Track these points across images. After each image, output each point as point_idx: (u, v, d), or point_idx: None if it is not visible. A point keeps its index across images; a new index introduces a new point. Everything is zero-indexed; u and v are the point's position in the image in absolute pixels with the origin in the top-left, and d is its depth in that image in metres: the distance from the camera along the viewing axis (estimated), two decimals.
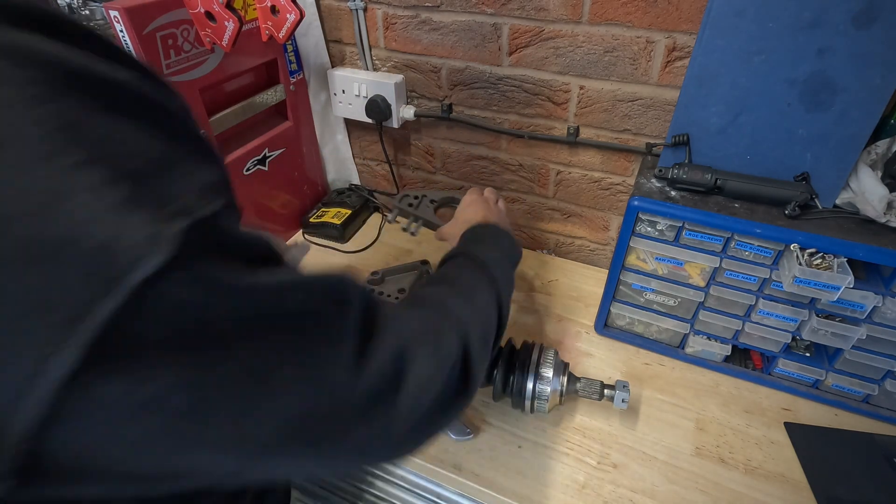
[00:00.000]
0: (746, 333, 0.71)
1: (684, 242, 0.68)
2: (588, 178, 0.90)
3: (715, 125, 0.65)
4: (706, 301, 0.72)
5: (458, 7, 0.82)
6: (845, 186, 0.63)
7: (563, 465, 0.64)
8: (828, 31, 0.55)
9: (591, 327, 0.84)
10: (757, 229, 0.61)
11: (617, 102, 0.80)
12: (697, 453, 0.66)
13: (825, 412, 0.71)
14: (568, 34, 0.77)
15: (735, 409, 0.71)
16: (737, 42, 0.59)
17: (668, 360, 0.79)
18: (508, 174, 0.97)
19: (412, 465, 0.67)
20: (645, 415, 0.70)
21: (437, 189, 0.97)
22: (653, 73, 0.75)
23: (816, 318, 0.65)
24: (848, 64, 0.56)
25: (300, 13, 0.73)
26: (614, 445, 0.67)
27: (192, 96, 0.76)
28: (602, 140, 0.84)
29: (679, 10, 0.69)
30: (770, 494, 0.61)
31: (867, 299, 0.61)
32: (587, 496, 0.61)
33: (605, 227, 0.95)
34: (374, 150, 1.09)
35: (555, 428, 0.69)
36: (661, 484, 0.62)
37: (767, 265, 0.64)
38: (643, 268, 0.73)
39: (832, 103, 0.59)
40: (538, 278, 0.93)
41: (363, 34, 0.92)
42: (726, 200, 0.66)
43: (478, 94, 0.90)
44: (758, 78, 0.60)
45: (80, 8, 0.79)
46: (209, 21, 0.69)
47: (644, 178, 0.71)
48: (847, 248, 0.58)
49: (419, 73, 0.92)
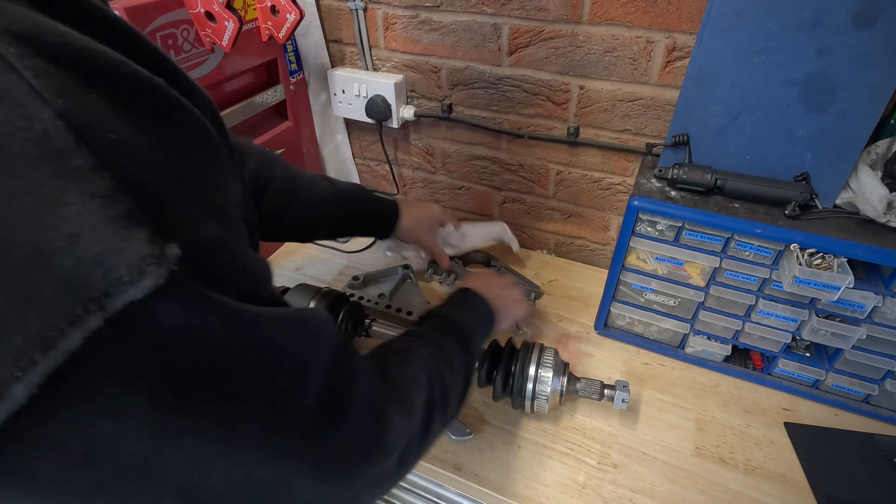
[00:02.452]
0: (746, 333, 0.71)
1: (684, 242, 0.68)
2: (588, 178, 0.90)
3: (715, 125, 0.65)
4: (706, 301, 0.72)
5: (458, 7, 0.82)
6: (845, 186, 0.63)
7: (563, 465, 0.64)
8: (828, 31, 0.55)
9: (591, 327, 0.84)
10: (757, 229, 0.61)
11: (617, 102, 0.80)
12: (697, 453, 0.66)
13: (825, 412, 0.71)
14: (568, 34, 0.77)
15: (735, 409, 0.71)
16: (737, 42, 0.59)
17: (668, 360, 0.79)
18: (508, 174, 0.97)
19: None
20: (645, 415, 0.70)
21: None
22: (653, 73, 0.75)
23: (816, 318, 0.65)
24: (848, 64, 0.56)
25: (300, 13, 0.73)
26: (614, 445, 0.67)
27: None
28: (602, 140, 0.84)
29: (679, 10, 0.69)
30: (770, 494, 0.61)
31: (867, 299, 0.61)
32: (587, 496, 0.61)
33: (605, 227, 0.95)
34: (374, 150, 1.09)
35: (555, 428, 0.69)
36: (661, 484, 0.62)
37: (767, 265, 0.64)
38: (643, 268, 0.73)
39: (832, 103, 0.59)
40: (538, 278, 0.93)
41: (363, 34, 0.92)
42: (726, 200, 0.66)
43: (478, 94, 0.90)
44: (758, 78, 0.60)
45: None
46: (209, 21, 0.69)
47: (644, 178, 0.71)
48: (847, 248, 0.58)
49: (419, 73, 0.92)
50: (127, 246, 0.18)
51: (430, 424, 0.41)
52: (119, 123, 0.20)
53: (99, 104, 0.20)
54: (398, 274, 0.93)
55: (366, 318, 0.76)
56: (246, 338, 0.24)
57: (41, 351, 0.17)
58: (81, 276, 0.18)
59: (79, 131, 0.18)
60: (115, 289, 0.18)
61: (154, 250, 0.19)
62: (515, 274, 0.93)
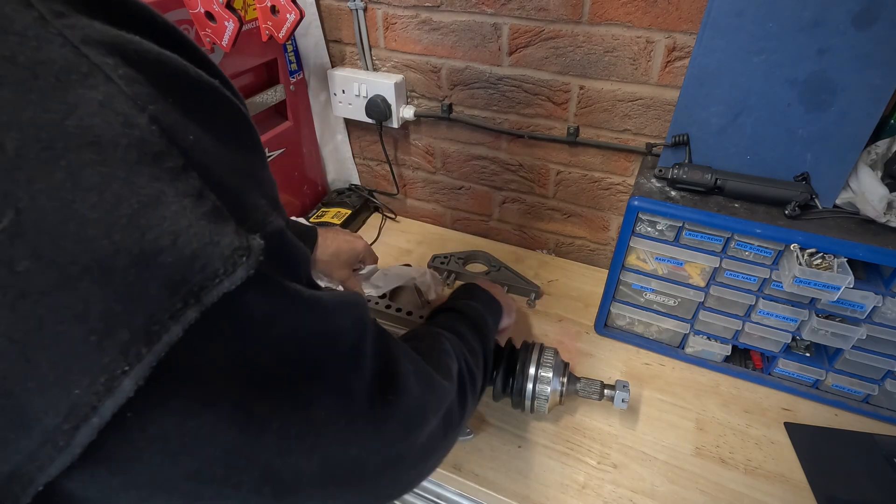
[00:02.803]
0: (746, 333, 0.71)
1: (684, 242, 0.68)
2: (588, 178, 0.90)
3: (715, 125, 0.65)
4: (706, 301, 0.72)
5: (458, 7, 0.82)
6: (845, 186, 0.63)
7: (563, 465, 0.64)
8: (828, 31, 0.55)
9: (591, 327, 0.84)
10: (757, 229, 0.61)
11: (617, 102, 0.80)
12: (697, 453, 0.66)
13: (825, 412, 0.71)
14: (568, 34, 0.77)
15: (735, 409, 0.71)
16: (737, 42, 0.59)
17: (668, 360, 0.79)
18: (508, 174, 0.97)
19: None
20: (645, 415, 0.70)
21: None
22: (653, 73, 0.75)
23: (816, 318, 0.65)
24: (848, 64, 0.56)
25: (300, 13, 0.73)
26: (614, 445, 0.67)
27: None
28: (602, 140, 0.84)
29: (679, 10, 0.69)
30: (770, 494, 0.61)
31: (867, 299, 0.61)
32: (587, 496, 0.61)
33: (605, 227, 0.95)
34: (374, 150, 1.09)
35: (555, 428, 0.69)
36: (661, 484, 0.62)
37: (767, 265, 0.64)
38: (643, 268, 0.73)
39: (832, 103, 0.59)
40: (538, 278, 0.93)
41: (363, 34, 0.92)
42: (726, 200, 0.66)
43: (478, 94, 0.90)
44: (758, 78, 0.60)
45: None
46: (209, 21, 0.69)
47: (644, 178, 0.71)
48: (847, 248, 0.58)
49: (419, 73, 0.92)
50: (220, 240, 0.20)
51: (464, 393, 0.44)
52: (192, 126, 0.21)
53: (175, 108, 0.21)
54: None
55: None
56: (316, 322, 0.26)
57: (146, 345, 0.18)
58: (182, 272, 0.19)
59: (168, 135, 0.20)
60: (210, 282, 0.19)
61: (242, 242, 0.20)
62: (515, 274, 0.93)
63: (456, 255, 0.97)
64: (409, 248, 1.03)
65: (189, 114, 0.21)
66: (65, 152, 0.17)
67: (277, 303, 0.23)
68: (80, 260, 0.17)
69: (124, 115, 0.18)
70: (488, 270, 0.95)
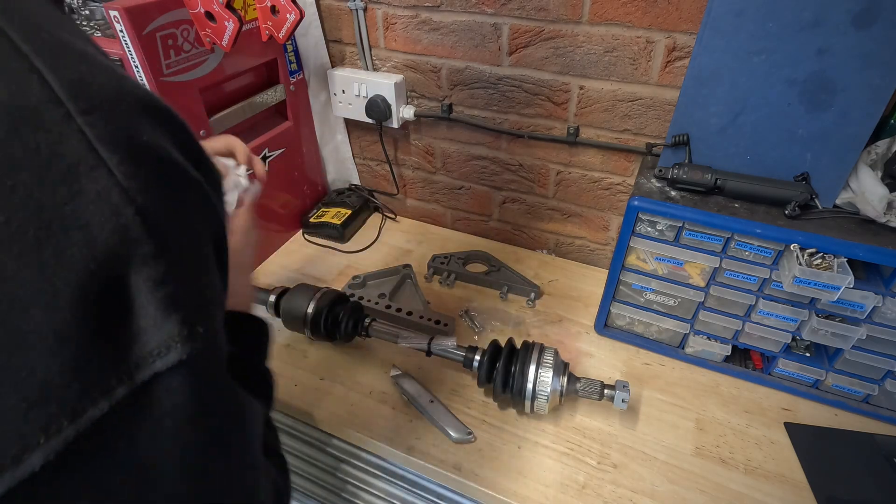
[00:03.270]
0: (746, 333, 0.71)
1: (684, 242, 0.68)
2: (588, 178, 0.90)
3: (715, 125, 0.65)
4: (706, 301, 0.72)
5: (458, 7, 0.82)
6: (845, 186, 0.63)
7: (563, 465, 0.64)
8: (828, 31, 0.55)
9: (591, 327, 0.84)
10: (757, 229, 0.61)
11: (617, 102, 0.80)
12: (697, 453, 0.66)
13: (825, 412, 0.71)
14: (568, 34, 0.77)
15: (735, 409, 0.71)
16: (737, 42, 0.59)
17: (668, 360, 0.79)
18: (508, 174, 0.97)
19: (412, 466, 0.67)
20: (645, 415, 0.70)
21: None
22: (653, 73, 0.75)
23: (816, 318, 0.65)
24: (848, 64, 0.56)
25: (300, 13, 0.73)
26: (614, 445, 0.67)
27: (192, 96, 0.76)
28: (602, 140, 0.84)
29: (679, 10, 0.69)
30: (770, 494, 0.61)
31: (867, 299, 0.61)
32: (587, 496, 0.61)
33: (605, 227, 0.95)
34: (374, 150, 1.09)
35: (555, 428, 0.69)
36: (661, 484, 0.62)
37: (767, 265, 0.64)
38: (643, 268, 0.73)
39: (832, 103, 0.59)
40: (538, 278, 0.93)
41: (363, 34, 0.92)
42: (726, 200, 0.66)
43: (478, 94, 0.90)
44: (758, 78, 0.60)
45: (80, 8, 0.79)
46: (209, 21, 0.69)
47: (644, 178, 0.71)
48: (847, 248, 0.58)
49: (419, 73, 0.92)
50: (163, 325, 0.22)
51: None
52: (173, 214, 0.23)
53: (163, 198, 0.23)
54: (398, 274, 0.93)
55: (366, 317, 0.76)
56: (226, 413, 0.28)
57: (69, 418, 0.19)
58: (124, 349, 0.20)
59: (148, 224, 0.22)
60: (144, 361, 0.21)
61: (183, 330, 0.22)
62: (515, 274, 0.93)
63: (456, 255, 0.97)
64: (410, 248, 1.03)
65: (173, 202, 0.24)
66: (57, 233, 0.19)
67: (202, 390, 0.24)
68: (42, 329, 0.18)
69: (116, 206, 0.21)
70: (488, 270, 0.95)
